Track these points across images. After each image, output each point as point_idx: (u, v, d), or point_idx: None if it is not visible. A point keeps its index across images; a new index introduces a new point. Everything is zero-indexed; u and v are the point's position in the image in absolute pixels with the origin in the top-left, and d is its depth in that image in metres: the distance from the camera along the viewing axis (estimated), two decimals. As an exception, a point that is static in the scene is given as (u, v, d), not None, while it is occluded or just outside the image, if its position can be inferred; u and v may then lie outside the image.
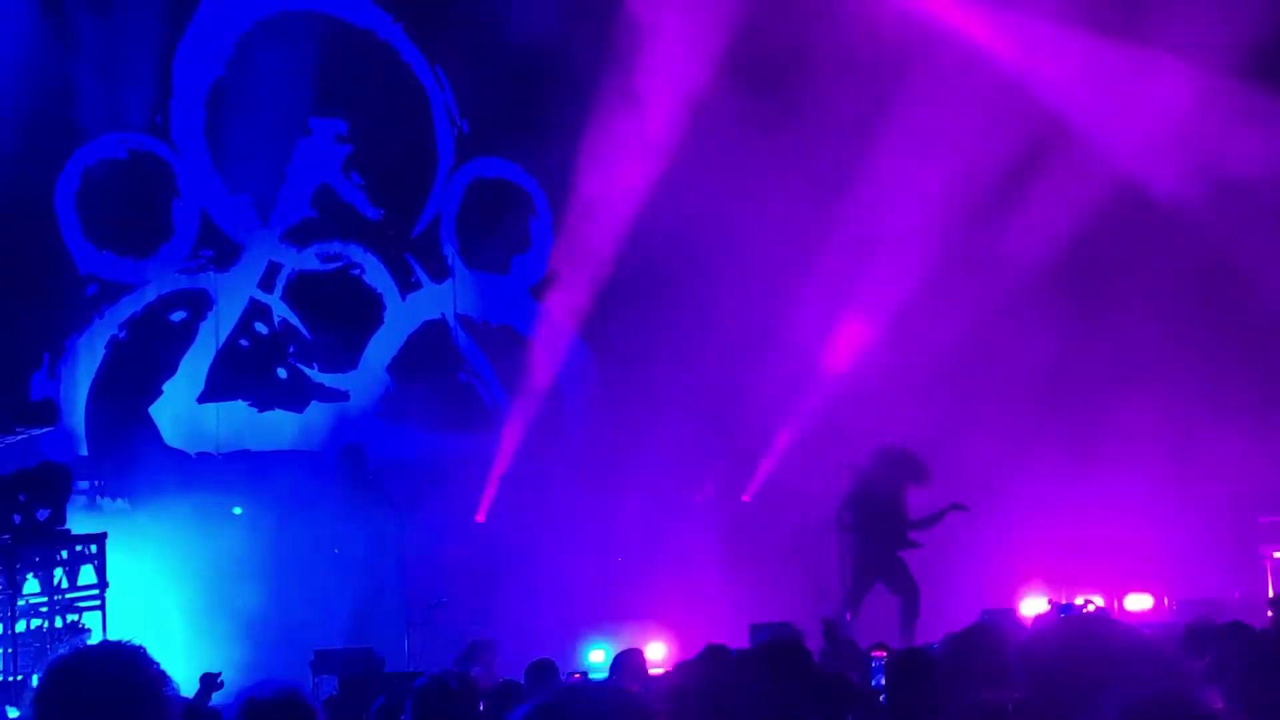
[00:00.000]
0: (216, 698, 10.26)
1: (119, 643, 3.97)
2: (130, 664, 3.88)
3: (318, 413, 19.00)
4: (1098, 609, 7.49)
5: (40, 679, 3.96)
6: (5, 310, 17.61)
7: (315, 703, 5.66)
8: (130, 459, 17.35)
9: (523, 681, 10.32)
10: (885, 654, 9.03)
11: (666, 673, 10.10)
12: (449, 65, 20.37)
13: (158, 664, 3.92)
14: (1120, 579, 17.55)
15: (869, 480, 15.65)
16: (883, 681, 7.51)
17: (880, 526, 15.54)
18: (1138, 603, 17.26)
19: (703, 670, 8.77)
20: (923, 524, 15.49)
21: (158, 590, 16.00)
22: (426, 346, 20.14)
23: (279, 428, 18.69)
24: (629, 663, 10.85)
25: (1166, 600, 17.48)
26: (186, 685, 9.67)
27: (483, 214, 20.67)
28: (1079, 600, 7.74)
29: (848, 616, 15.20)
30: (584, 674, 10.01)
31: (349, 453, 17.40)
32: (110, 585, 13.77)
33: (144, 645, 3.94)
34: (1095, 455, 18.26)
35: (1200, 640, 7.69)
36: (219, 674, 8.69)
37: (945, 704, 5.78)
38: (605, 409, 19.33)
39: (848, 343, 19.27)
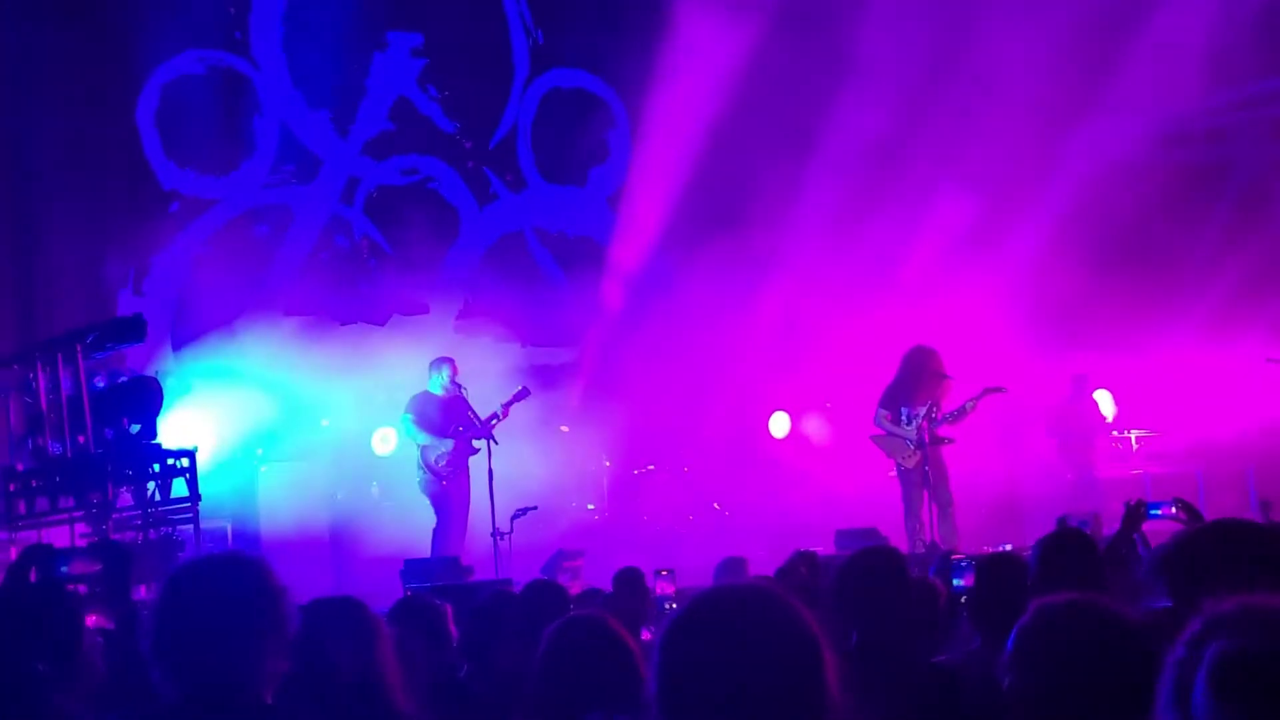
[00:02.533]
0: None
1: (240, 552, 4.02)
2: (252, 573, 3.95)
3: (398, 326, 19.10)
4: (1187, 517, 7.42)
5: (163, 585, 4.00)
6: (91, 228, 17.78)
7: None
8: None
9: (610, 589, 10.39)
10: (963, 557, 8.96)
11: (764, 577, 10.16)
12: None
13: (278, 576, 3.98)
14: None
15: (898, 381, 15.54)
16: (962, 584, 7.45)
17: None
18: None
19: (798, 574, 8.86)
20: (955, 415, 15.33)
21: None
22: (504, 259, 20.19)
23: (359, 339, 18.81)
24: (733, 568, 10.89)
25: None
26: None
27: (559, 125, 20.63)
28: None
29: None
30: (670, 571, 10.02)
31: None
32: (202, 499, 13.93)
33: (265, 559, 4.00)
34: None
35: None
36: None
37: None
38: (685, 322, 19.29)
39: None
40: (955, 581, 7.64)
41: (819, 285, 18.98)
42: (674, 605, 8.87)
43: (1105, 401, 19.14)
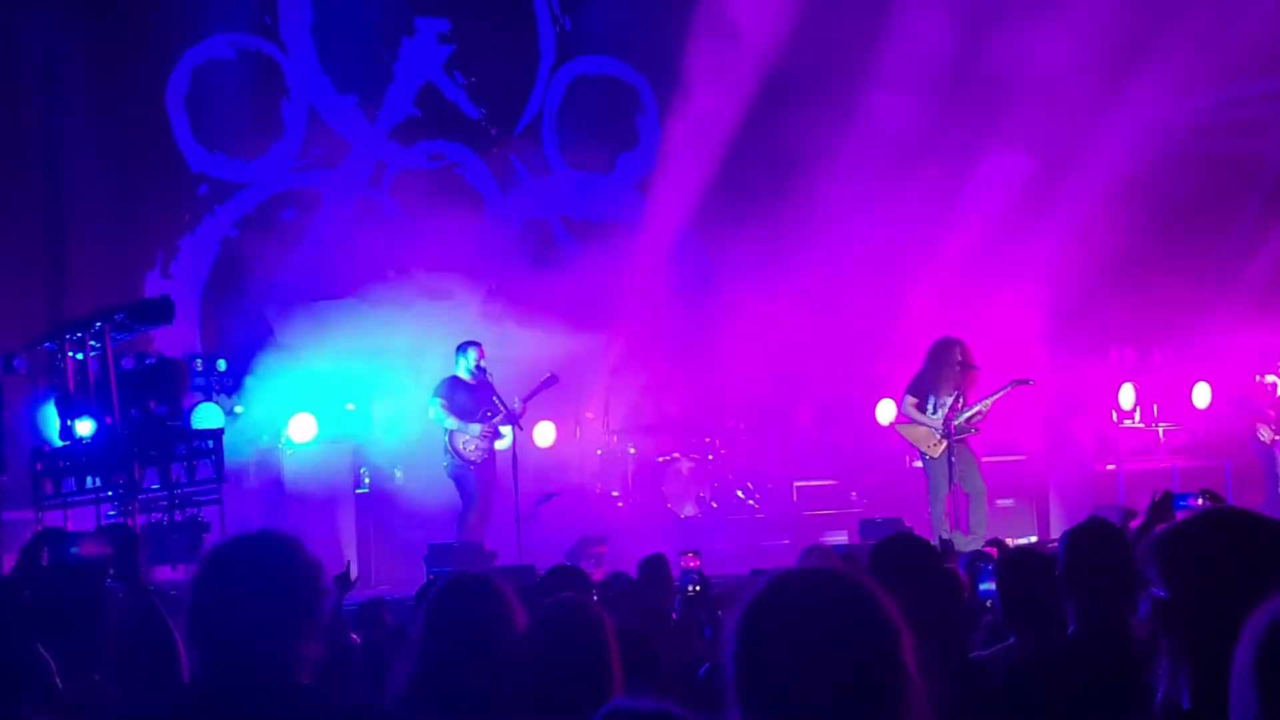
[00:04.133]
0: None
1: (276, 532, 4.03)
2: (288, 553, 3.95)
3: (424, 311, 19.11)
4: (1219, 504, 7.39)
5: (200, 564, 4.01)
6: (120, 210, 17.86)
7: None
8: (244, 356, 17.57)
9: (636, 575, 10.38)
10: (995, 551, 8.92)
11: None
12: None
13: (312, 554, 3.99)
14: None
15: (925, 371, 15.51)
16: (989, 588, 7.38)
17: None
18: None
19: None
20: (982, 407, 15.28)
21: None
22: (530, 244, 20.20)
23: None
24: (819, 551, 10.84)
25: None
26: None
27: (587, 111, 20.63)
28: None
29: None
30: (696, 552, 9.99)
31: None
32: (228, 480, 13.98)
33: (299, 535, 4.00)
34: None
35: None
36: (347, 569, 8.78)
37: (1064, 601, 5.75)
38: (712, 309, 19.27)
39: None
40: (982, 586, 7.61)
41: (851, 273, 18.92)
42: (697, 588, 8.86)
43: (1127, 395, 19.08)
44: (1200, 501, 7.58)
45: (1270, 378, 17.30)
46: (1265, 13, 17.43)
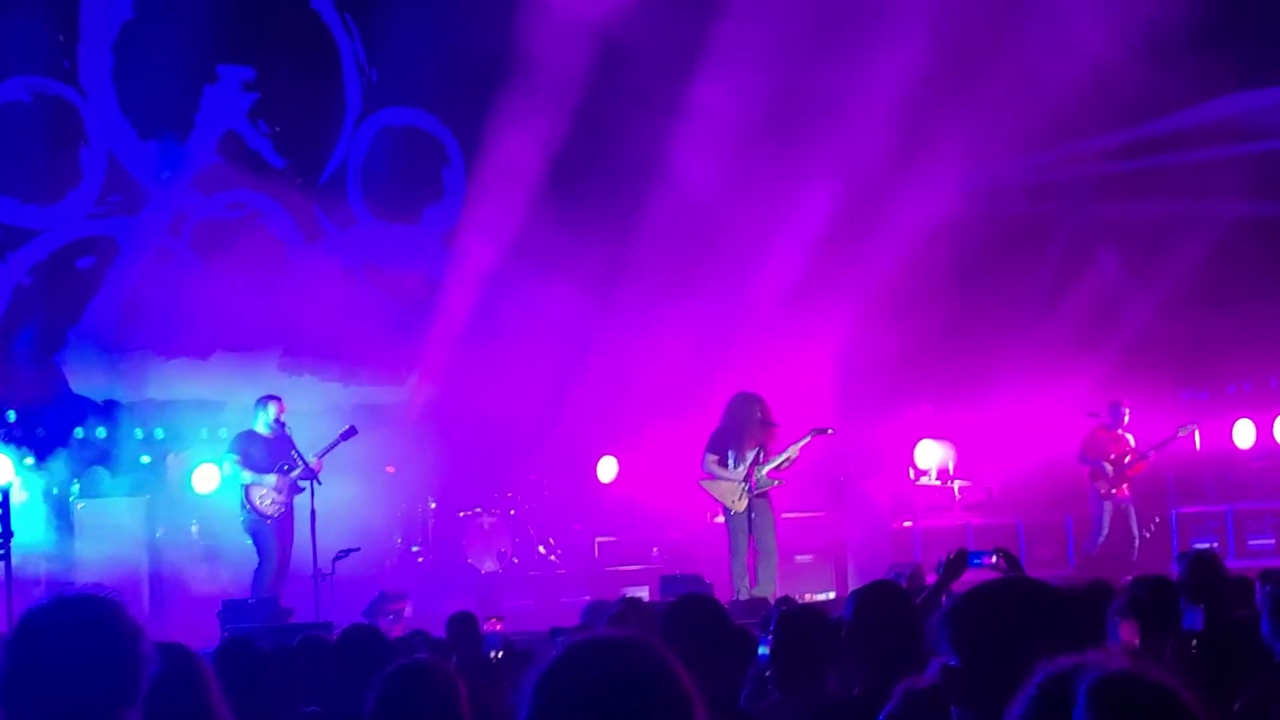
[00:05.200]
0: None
1: (98, 595, 3.89)
2: (110, 617, 3.82)
3: (222, 362, 18.84)
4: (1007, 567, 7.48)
5: (15, 625, 3.83)
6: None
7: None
8: (35, 405, 17.18)
9: (444, 634, 10.29)
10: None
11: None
12: (358, 13, 20.22)
13: (134, 616, 3.86)
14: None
15: (724, 427, 15.61)
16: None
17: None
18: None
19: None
20: (783, 460, 15.41)
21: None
22: (332, 296, 19.99)
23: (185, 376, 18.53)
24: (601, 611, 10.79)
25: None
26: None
27: (393, 163, 20.53)
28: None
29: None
30: (500, 617, 9.92)
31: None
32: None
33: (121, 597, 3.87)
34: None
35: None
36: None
37: (850, 663, 5.79)
38: (514, 365, 19.22)
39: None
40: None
41: (650, 330, 19.01)
42: (499, 654, 8.78)
43: (928, 452, 19.40)
44: (994, 559, 7.64)
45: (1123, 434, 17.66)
46: (1060, 80, 17.89)
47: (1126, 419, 17.64)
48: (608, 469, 19.35)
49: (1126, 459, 17.48)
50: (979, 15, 18.07)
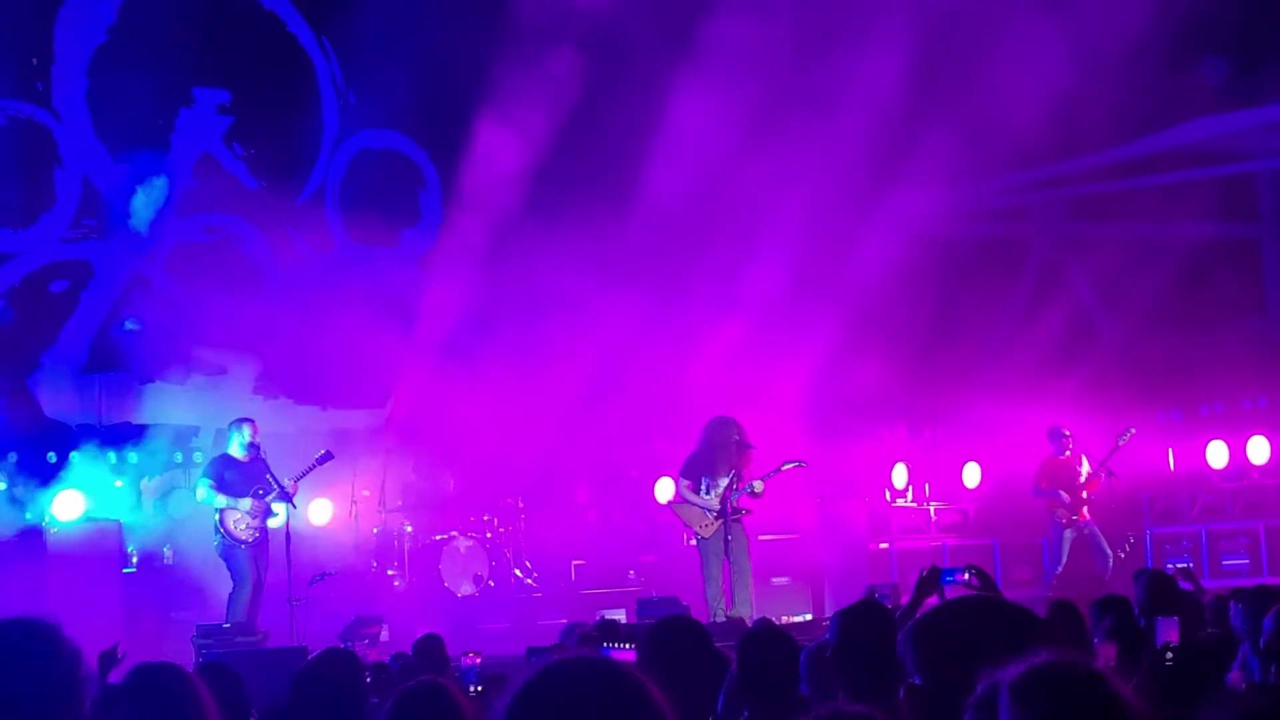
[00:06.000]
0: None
1: (33, 619, 3.90)
2: (46, 640, 3.83)
3: (197, 386, 18.81)
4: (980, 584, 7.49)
5: None
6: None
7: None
8: (7, 429, 17.11)
9: (411, 656, 10.28)
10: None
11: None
12: (335, 35, 20.22)
13: (72, 642, 3.87)
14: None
15: (699, 451, 15.63)
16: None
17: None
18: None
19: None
20: (756, 487, 15.43)
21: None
22: (308, 319, 19.95)
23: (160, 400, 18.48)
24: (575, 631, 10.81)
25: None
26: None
27: (371, 185, 20.51)
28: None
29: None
30: (477, 652, 9.84)
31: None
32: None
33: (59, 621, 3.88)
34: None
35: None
36: (115, 647, 8.52)
37: (833, 683, 5.79)
38: (491, 387, 19.20)
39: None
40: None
41: (630, 352, 19.03)
42: (479, 688, 8.73)
43: (900, 474, 19.48)
44: (966, 576, 7.65)
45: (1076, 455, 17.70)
46: (1032, 104, 17.97)
47: (1070, 441, 17.66)
48: (581, 492, 19.41)
49: (1080, 482, 17.52)
50: (951, 39, 18.14)
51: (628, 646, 7.49)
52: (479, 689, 8.65)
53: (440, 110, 19.64)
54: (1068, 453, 17.58)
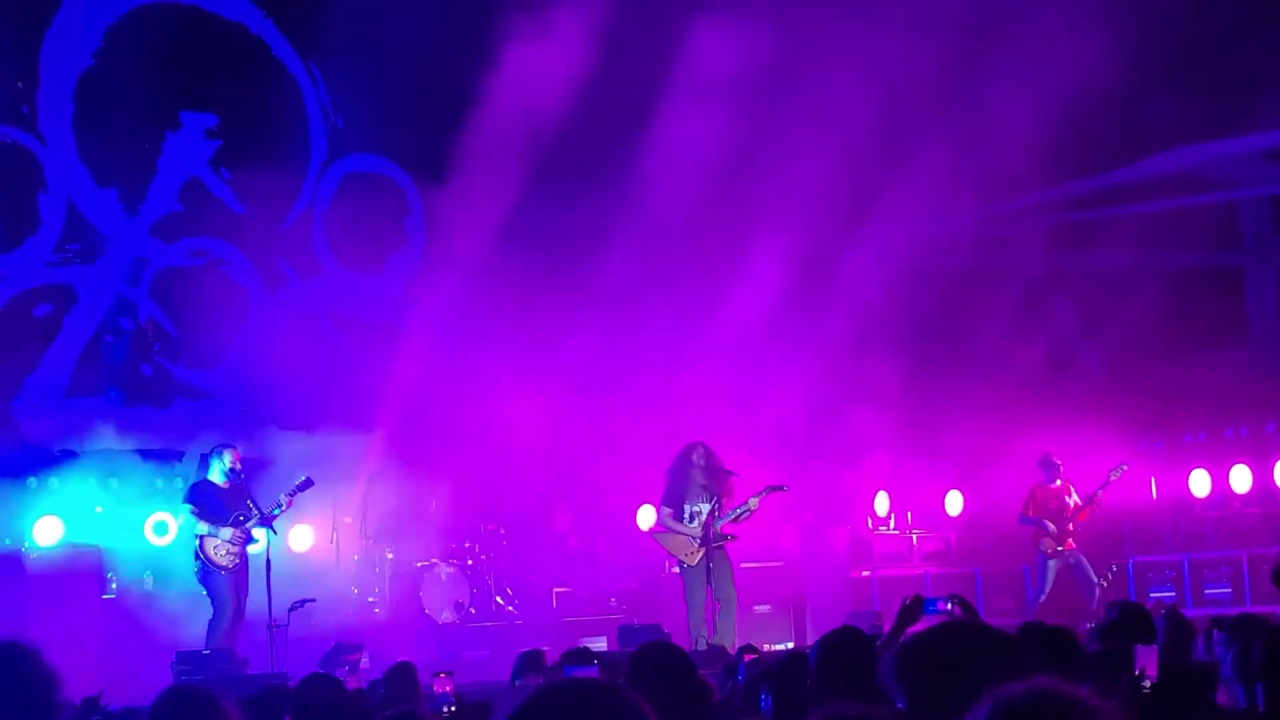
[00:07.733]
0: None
1: (13, 642, 3.89)
2: (25, 664, 3.82)
3: (182, 410, 18.78)
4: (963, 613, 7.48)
5: None
6: None
7: None
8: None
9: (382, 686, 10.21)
10: (750, 657, 8.96)
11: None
12: (322, 60, 20.23)
13: (51, 666, 3.86)
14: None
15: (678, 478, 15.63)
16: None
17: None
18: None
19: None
20: (739, 513, 15.44)
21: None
22: (294, 344, 19.92)
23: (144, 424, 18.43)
24: (533, 662, 10.73)
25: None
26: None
27: (358, 210, 20.48)
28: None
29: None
30: (449, 673, 9.77)
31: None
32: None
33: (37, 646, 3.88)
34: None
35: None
36: (99, 696, 8.47)
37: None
38: (475, 414, 19.19)
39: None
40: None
41: (608, 380, 19.04)
42: (453, 708, 8.69)
43: (882, 502, 19.50)
44: (949, 606, 7.64)
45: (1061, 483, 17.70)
46: (1013, 132, 18.03)
47: (1060, 470, 17.66)
48: (562, 519, 19.40)
49: (1069, 511, 17.51)
50: (933, 68, 18.19)
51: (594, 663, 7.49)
52: (451, 709, 8.62)
53: (426, 134, 19.64)
54: (1058, 482, 17.59)
